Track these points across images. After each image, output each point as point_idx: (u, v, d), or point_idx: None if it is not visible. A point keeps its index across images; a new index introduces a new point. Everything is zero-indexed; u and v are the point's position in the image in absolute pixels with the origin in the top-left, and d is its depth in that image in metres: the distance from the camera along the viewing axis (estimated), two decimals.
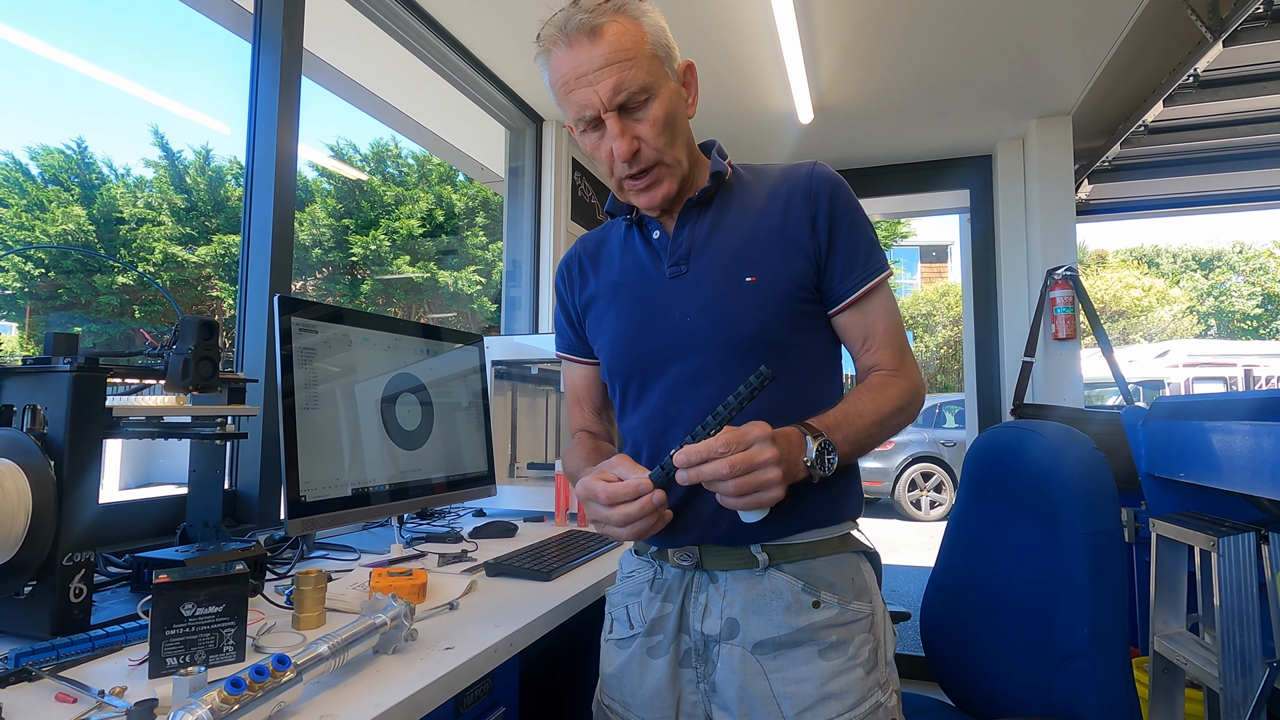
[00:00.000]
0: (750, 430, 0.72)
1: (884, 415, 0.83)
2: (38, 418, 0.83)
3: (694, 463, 0.71)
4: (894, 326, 0.90)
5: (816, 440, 0.76)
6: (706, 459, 0.70)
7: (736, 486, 0.70)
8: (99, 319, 9.42)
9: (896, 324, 0.91)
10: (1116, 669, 0.97)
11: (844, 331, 0.91)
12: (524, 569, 1.19)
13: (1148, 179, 3.25)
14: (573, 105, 0.84)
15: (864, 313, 0.89)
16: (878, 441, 0.84)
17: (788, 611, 0.82)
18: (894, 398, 0.85)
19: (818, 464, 0.75)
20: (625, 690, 0.91)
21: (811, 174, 0.89)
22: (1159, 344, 11.55)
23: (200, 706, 0.56)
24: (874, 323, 0.89)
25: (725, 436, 0.71)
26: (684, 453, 0.71)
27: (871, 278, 0.88)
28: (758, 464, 0.70)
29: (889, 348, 0.89)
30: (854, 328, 0.90)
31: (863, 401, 0.84)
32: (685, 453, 0.71)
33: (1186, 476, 1.48)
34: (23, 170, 9.34)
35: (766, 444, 0.71)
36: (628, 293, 0.94)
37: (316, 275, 10.75)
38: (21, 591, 0.81)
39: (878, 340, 0.89)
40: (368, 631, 0.77)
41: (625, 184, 0.88)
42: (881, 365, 0.89)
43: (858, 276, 0.87)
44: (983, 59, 2.29)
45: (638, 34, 0.82)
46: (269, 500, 1.47)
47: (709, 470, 0.70)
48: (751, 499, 0.71)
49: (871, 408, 0.83)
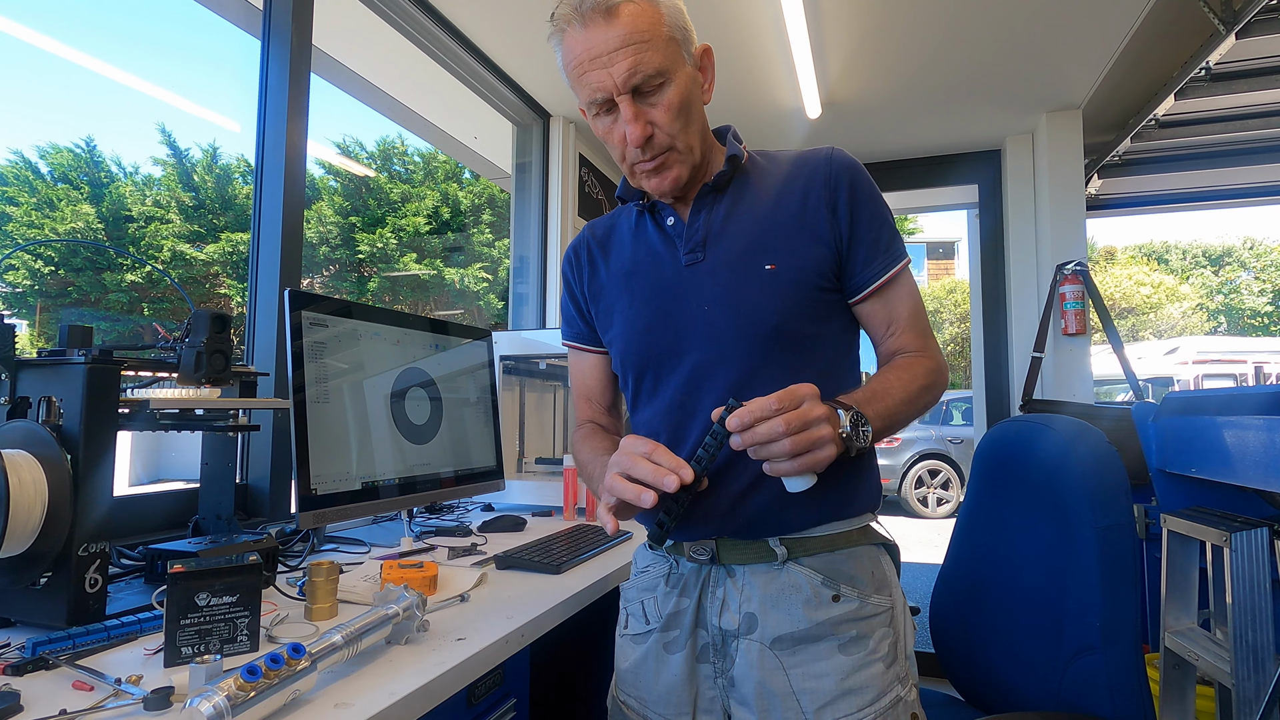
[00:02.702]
0: (799, 388, 0.70)
1: (911, 393, 0.82)
2: (53, 409, 0.84)
3: (747, 424, 0.68)
4: (917, 311, 0.89)
5: (849, 413, 0.74)
6: (760, 419, 0.68)
7: (794, 444, 0.68)
8: (109, 316, 9.48)
9: (919, 308, 0.90)
10: (1129, 663, 0.97)
11: (867, 319, 0.90)
12: (534, 562, 1.20)
13: (1158, 174, 3.23)
14: (586, 87, 0.82)
15: (887, 300, 0.88)
16: (907, 419, 0.83)
17: (807, 606, 0.81)
18: (920, 375, 0.85)
19: (853, 436, 0.73)
20: (641, 686, 0.90)
21: (831, 159, 0.87)
22: (1168, 340, 11.47)
23: (217, 693, 0.57)
24: (897, 308, 0.88)
25: (778, 395, 0.69)
26: (736, 415, 0.69)
27: (894, 264, 0.87)
28: (811, 420, 0.69)
29: (912, 331, 0.89)
30: (877, 315, 0.89)
31: (889, 380, 0.83)
32: (738, 415, 0.69)
33: (1198, 472, 1.47)
34: (32, 169, 9.40)
35: (816, 401, 0.70)
36: (641, 281, 0.91)
37: (324, 272, 10.79)
38: (38, 582, 0.82)
39: (902, 325, 0.89)
40: (381, 622, 0.78)
41: (636, 168, 0.87)
42: (906, 348, 0.89)
43: (880, 264, 0.86)
44: (991, 52, 2.28)
45: (655, 15, 0.80)
46: (280, 494, 1.48)
47: (764, 430, 0.68)
48: (806, 459, 0.69)
49: (899, 385, 0.82)
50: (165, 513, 1.29)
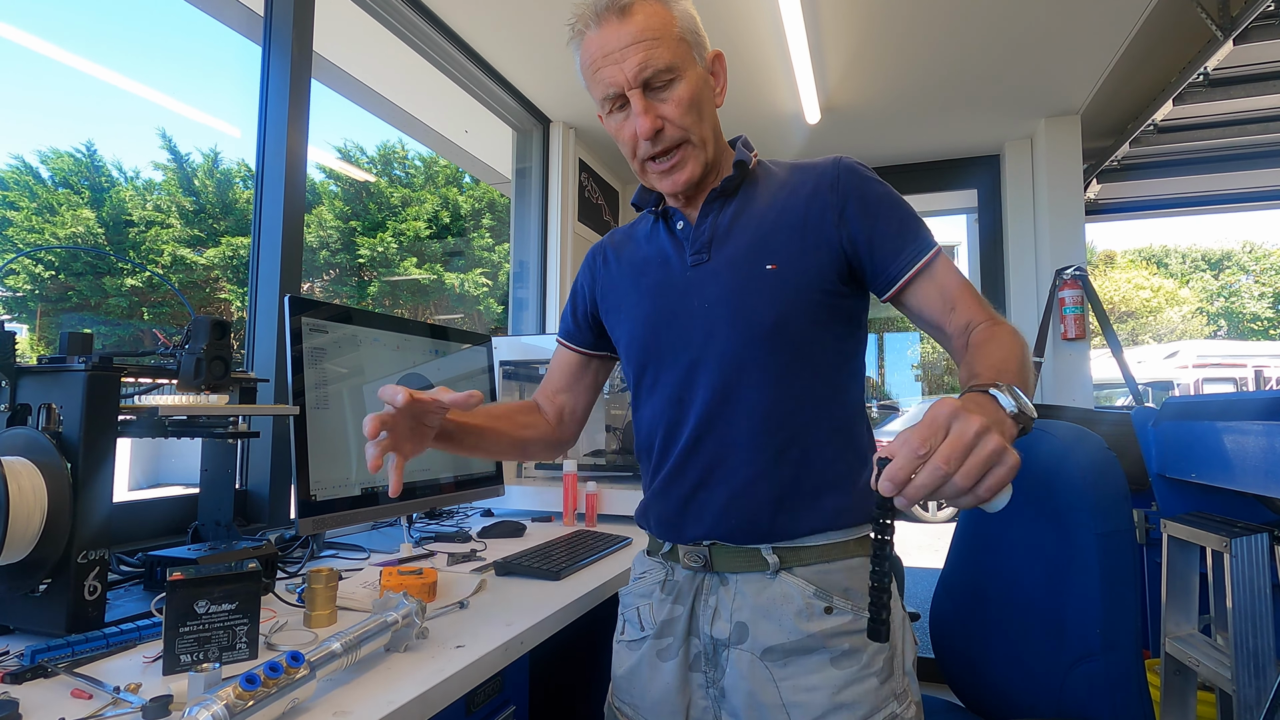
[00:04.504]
0: (938, 414, 0.57)
1: (1021, 357, 0.73)
2: (53, 416, 0.84)
3: (901, 482, 0.56)
4: (968, 285, 0.85)
5: (1003, 389, 0.63)
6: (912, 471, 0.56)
7: (964, 478, 0.55)
8: (108, 321, 9.49)
9: (969, 283, 0.85)
10: (1129, 669, 0.96)
11: (921, 304, 0.85)
12: (533, 568, 1.20)
13: (1157, 178, 3.23)
14: (599, 84, 0.84)
15: (934, 278, 0.84)
16: (1031, 386, 0.72)
17: (798, 617, 0.80)
18: (1014, 337, 0.76)
19: (1022, 409, 0.62)
20: (635, 693, 0.90)
21: (837, 165, 0.88)
22: (1168, 345, 11.47)
23: (216, 702, 0.57)
24: (947, 284, 0.84)
25: (920, 434, 0.57)
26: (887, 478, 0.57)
27: (927, 249, 0.84)
28: (969, 442, 0.55)
29: (973, 302, 0.83)
30: (930, 295, 0.84)
31: (992, 353, 0.73)
32: (888, 477, 0.57)
33: (1198, 477, 1.46)
34: (33, 173, 9.42)
35: (963, 416, 0.56)
36: (649, 280, 0.94)
37: (324, 277, 10.80)
38: (37, 589, 0.82)
39: (959, 298, 0.83)
40: (380, 629, 0.77)
41: (648, 165, 0.88)
42: (976, 319, 0.81)
43: (913, 250, 0.84)
44: (990, 58, 2.28)
45: (667, 17, 0.83)
46: (279, 500, 1.48)
47: (925, 482, 0.55)
48: (989, 482, 0.56)
49: (1006, 352, 0.73)
50: (164, 519, 1.29)
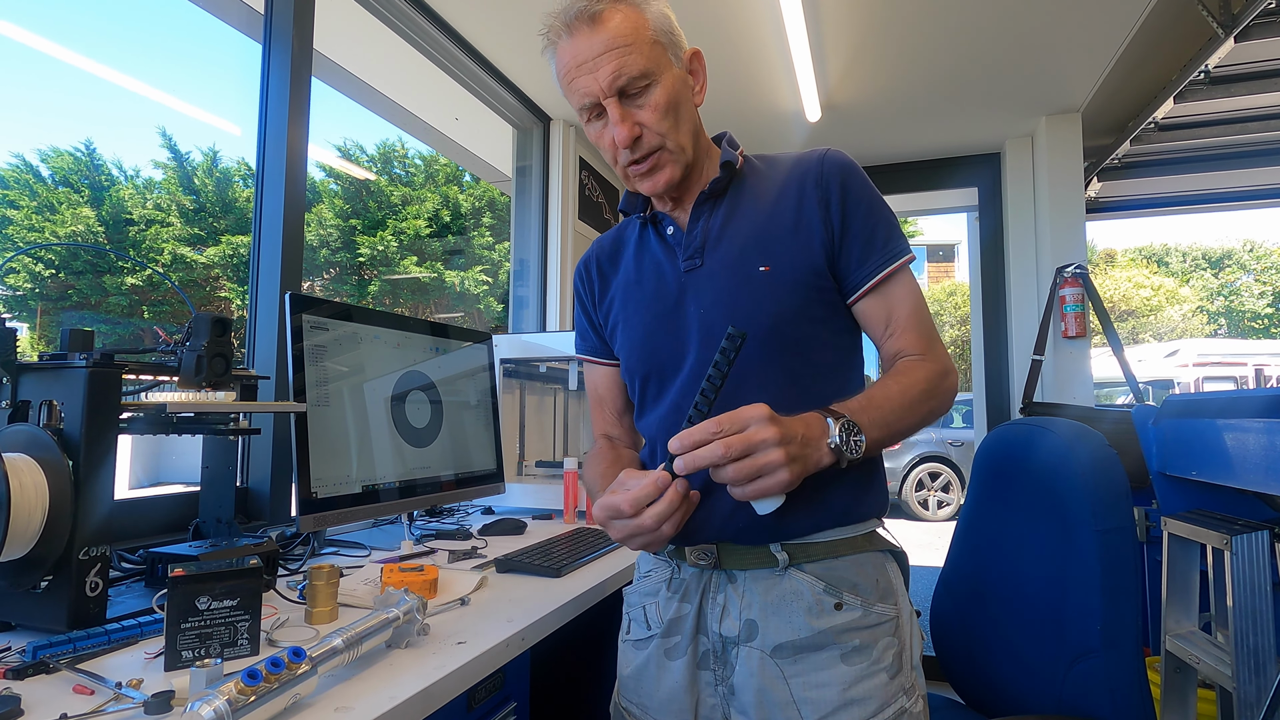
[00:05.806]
0: (745, 411, 0.67)
1: (911, 399, 0.78)
2: (54, 413, 0.84)
3: (687, 447, 0.66)
4: (918, 310, 0.86)
5: (839, 422, 0.71)
6: (700, 443, 0.65)
7: (735, 472, 0.65)
8: (109, 319, 9.49)
9: (921, 308, 0.86)
10: (1130, 666, 0.96)
11: (865, 318, 0.87)
12: (534, 565, 1.20)
13: (1158, 176, 3.22)
14: (575, 93, 0.84)
15: (885, 297, 0.85)
16: (908, 428, 0.79)
17: (808, 613, 0.80)
18: (920, 381, 0.80)
19: (844, 445, 0.70)
20: (643, 692, 0.89)
21: (824, 159, 0.87)
22: (1168, 343, 11.46)
23: (218, 697, 0.57)
24: (896, 307, 0.85)
25: (719, 418, 0.66)
26: (677, 439, 0.66)
27: (891, 261, 0.84)
28: (755, 445, 0.65)
29: (913, 331, 0.85)
30: (875, 313, 0.86)
31: (888, 386, 0.79)
32: (678, 438, 0.66)
33: (1198, 475, 1.46)
34: (33, 172, 9.41)
35: (763, 424, 0.66)
36: (644, 290, 0.93)
37: (324, 275, 10.80)
38: (38, 585, 0.82)
39: (901, 324, 0.85)
40: (381, 625, 0.78)
41: (629, 170, 0.87)
42: (907, 350, 0.84)
43: (876, 261, 0.84)
44: (991, 55, 2.28)
45: (639, 21, 0.82)
46: (280, 497, 1.48)
47: (704, 455, 0.65)
48: (755, 486, 0.66)
49: (897, 390, 0.78)
50: (166, 516, 1.29)
